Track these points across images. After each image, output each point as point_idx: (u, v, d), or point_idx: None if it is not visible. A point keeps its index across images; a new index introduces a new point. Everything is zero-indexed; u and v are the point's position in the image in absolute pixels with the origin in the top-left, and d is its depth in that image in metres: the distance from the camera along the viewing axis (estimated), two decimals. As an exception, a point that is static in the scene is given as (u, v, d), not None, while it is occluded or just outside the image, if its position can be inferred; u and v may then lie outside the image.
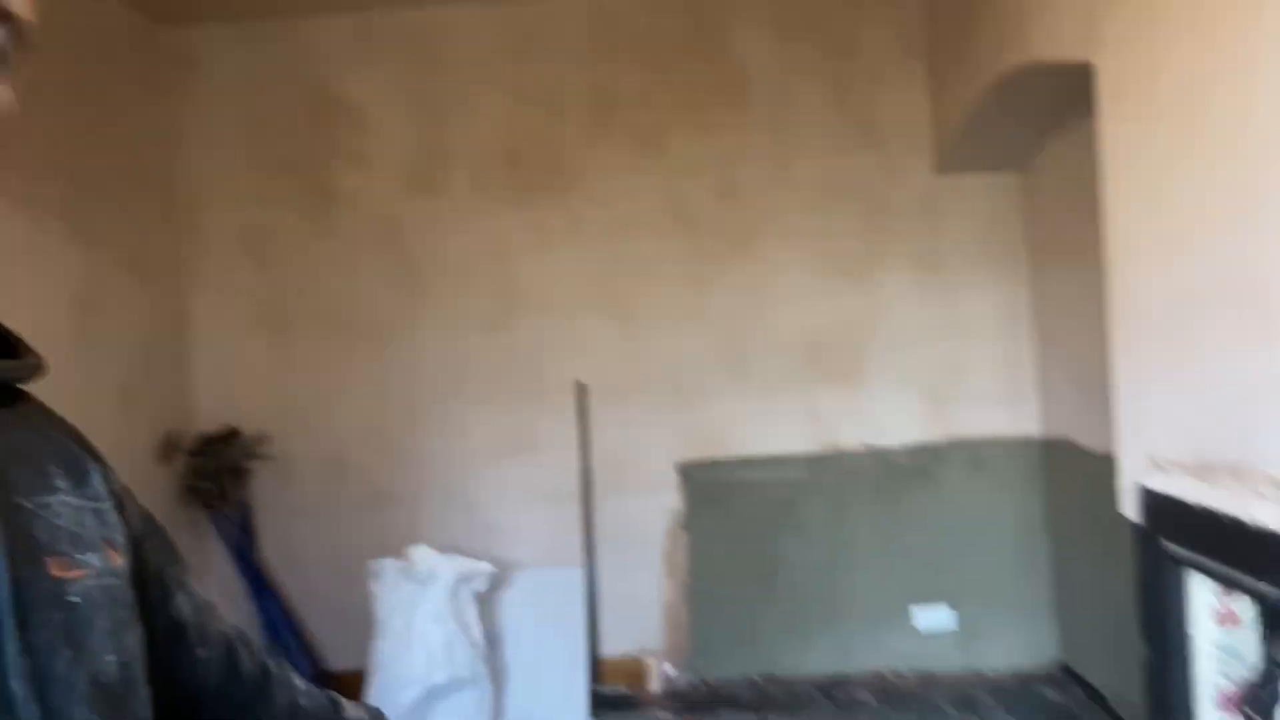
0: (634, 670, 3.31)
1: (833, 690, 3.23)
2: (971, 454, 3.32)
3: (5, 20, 0.45)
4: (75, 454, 0.59)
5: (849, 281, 3.33)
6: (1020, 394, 3.31)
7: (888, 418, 3.34)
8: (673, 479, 3.35)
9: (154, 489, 3.06)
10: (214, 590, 3.31)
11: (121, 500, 0.61)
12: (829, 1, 3.33)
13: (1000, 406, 3.32)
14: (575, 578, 3.26)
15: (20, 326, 2.30)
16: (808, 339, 3.34)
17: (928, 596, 3.29)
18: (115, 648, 0.53)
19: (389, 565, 2.93)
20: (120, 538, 0.58)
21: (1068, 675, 3.20)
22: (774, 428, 3.35)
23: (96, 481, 0.59)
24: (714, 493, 3.37)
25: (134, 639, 0.56)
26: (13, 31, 0.46)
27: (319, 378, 3.38)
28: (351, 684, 2.83)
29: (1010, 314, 3.32)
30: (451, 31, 3.36)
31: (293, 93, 3.37)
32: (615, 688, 3.25)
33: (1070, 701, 3.07)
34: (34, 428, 0.58)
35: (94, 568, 0.54)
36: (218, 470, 3.13)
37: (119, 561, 0.56)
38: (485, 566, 2.98)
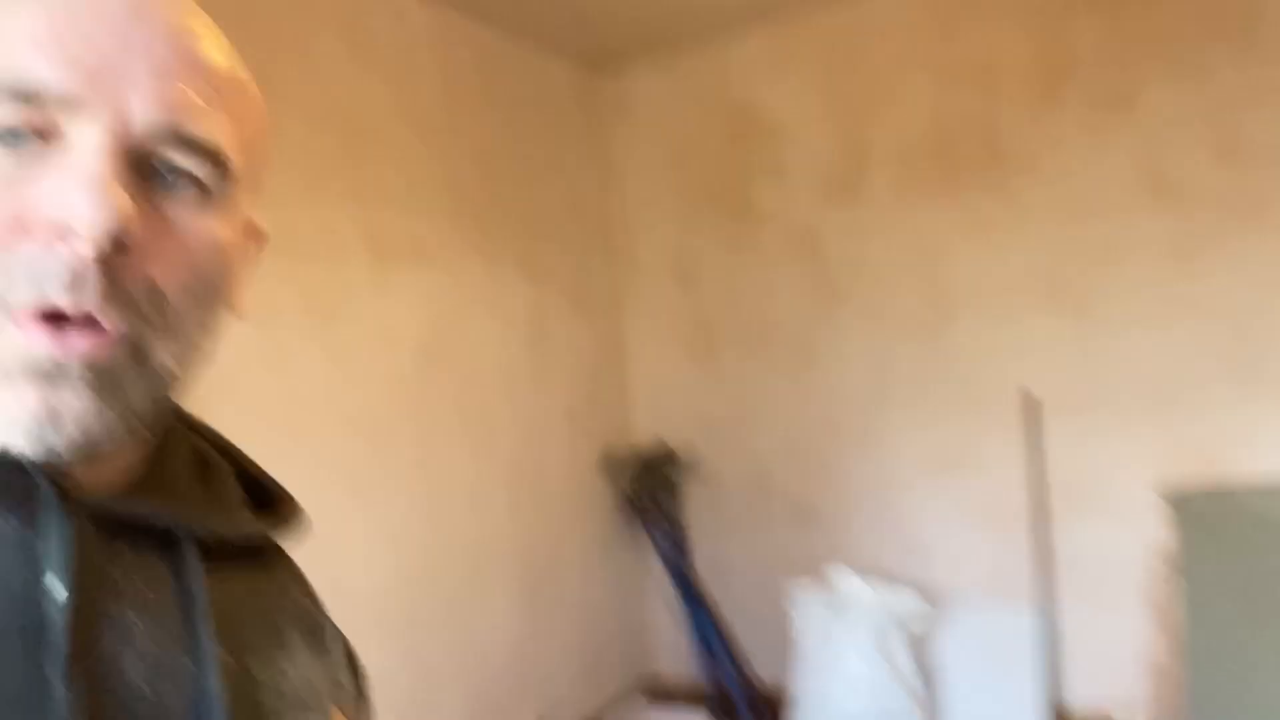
0: (1107, 732, 2.75)
1: None
2: None
3: (217, 162, 0.45)
4: (316, 618, 0.57)
5: None
6: None
7: None
8: (1153, 507, 2.72)
9: (597, 504, 3.30)
10: (652, 599, 3.48)
11: (353, 663, 0.60)
12: None
13: None
14: (1026, 615, 2.81)
15: (484, 361, 2.56)
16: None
17: None
18: None
19: (808, 590, 2.80)
20: (349, 701, 0.57)
21: None
22: (1304, 447, 2.55)
23: (333, 645, 0.57)
24: (1219, 528, 2.66)
25: None
26: (221, 170, 0.46)
27: (743, 395, 3.38)
28: (776, 699, 2.74)
29: None
30: (868, 22, 3.14)
31: (713, 116, 3.43)
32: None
33: None
34: (280, 587, 0.56)
35: None
36: (653, 486, 3.28)
37: None
38: (918, 603, 2.69)
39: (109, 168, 0.41)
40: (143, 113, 0.43)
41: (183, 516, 0.47)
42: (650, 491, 3.29)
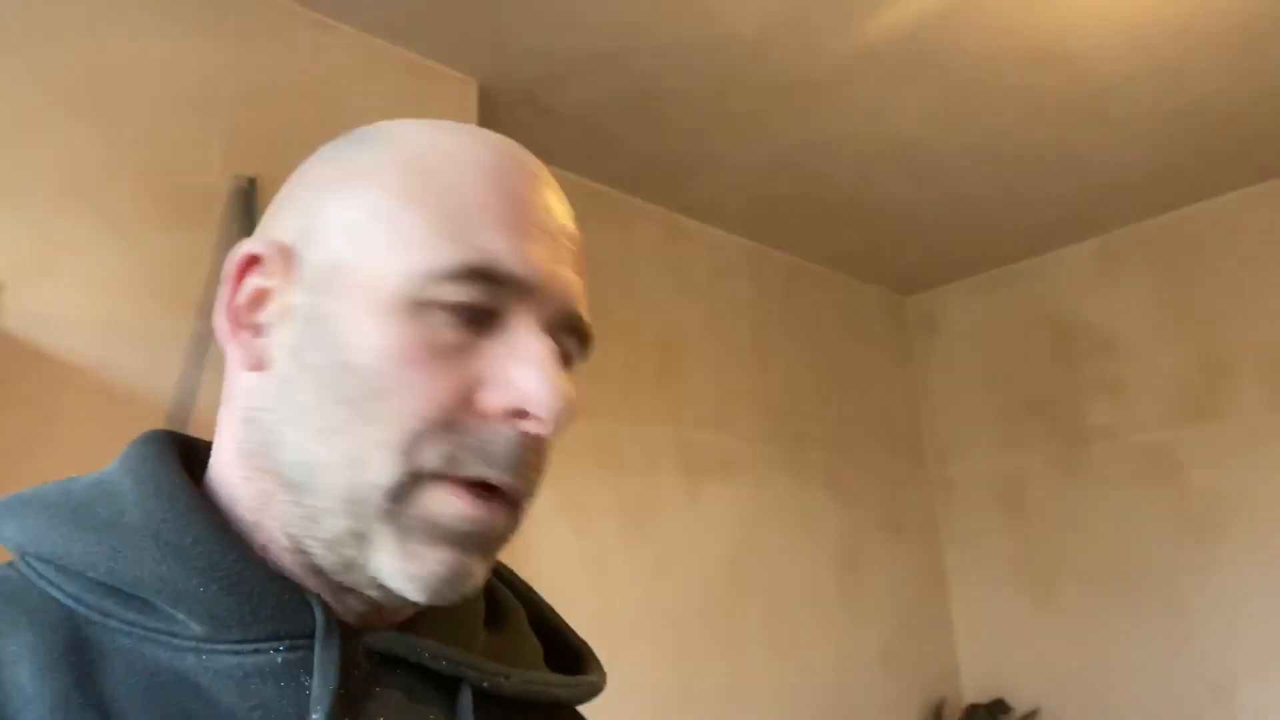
0: None
1: None
2: None
3: (586, 340, 0.49)
4: None
5: None
6: None
7: None
8: None
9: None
10: None
11: None
12: None
13: None
14: None
15: (793, 584, 2.42)
16: None
17: None
18: None
19: None
20: None
21: None
22: None
23: None
24: None
25: None
26: (587, 345, 0.50)
27: (1091, 642, 2.88)
28: None
29: None
30: (1210, 227, 2.86)
31: (1033, 330, 3.22)
32: None
33: None
34: None
35: None
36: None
37: None
38: None
39: (553, 354, 0.44)
40: (560, 302, 0.46)
41: (462, 662, 0.46)
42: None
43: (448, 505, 0.42)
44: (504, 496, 0.44)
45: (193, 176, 1.60)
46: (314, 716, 0.40)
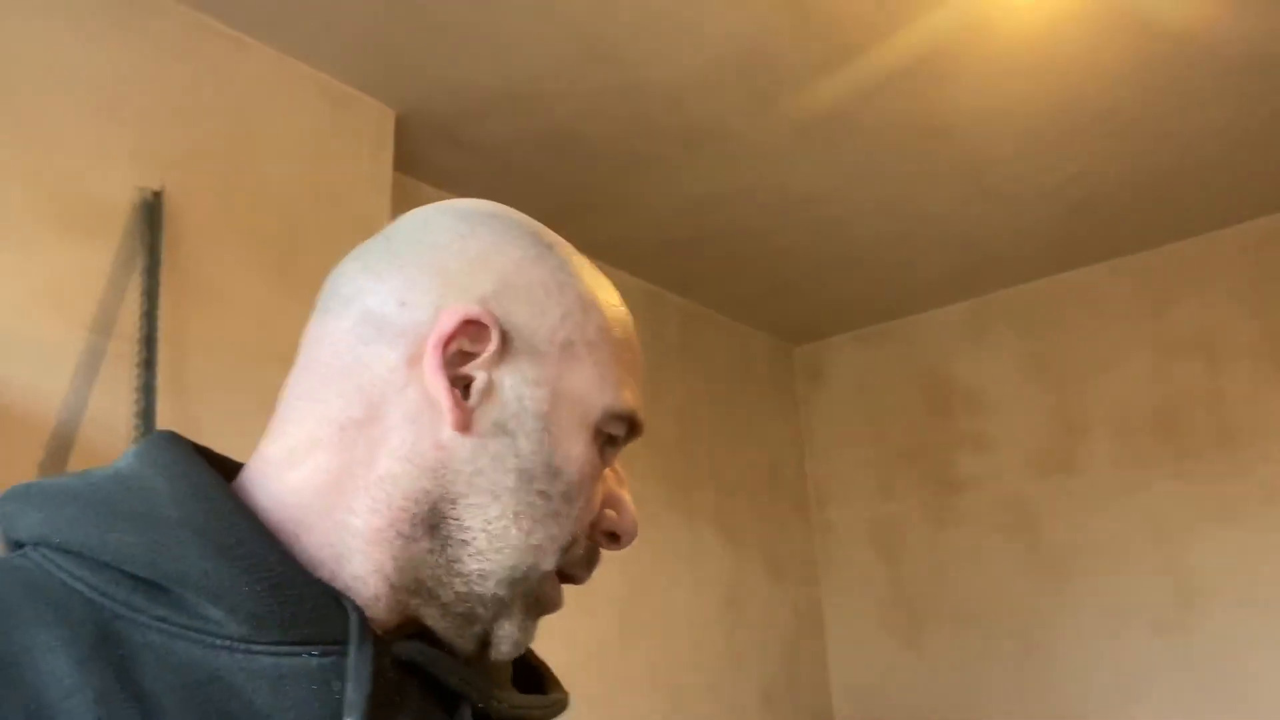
0: None
1: None
2: None
3: (636, 432, 0.55)
4: None
5: None
6: None
7: None
8: None
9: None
10: None
11: None
12: None
13: None
14: None
15: (683, 629, 2.44)
16: None
17: None
18: None
19: None
20: None
21: None
22: None
23: None
24: None
25: None
26: (633, 432, 0.56)
27: (954, 682, 3.04)
28: None
29: None
30: (1075, 296, 3.11)
31: (909, 383, 3.40)
32: None
33: None
34: None
35: None
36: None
37: None
38: None
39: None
40: None
41: (469, 681, 0.48)
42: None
43: (557, 594, 0.52)
44: None
45: (95, 186, 1.54)
46: (348, 718, 0.41)
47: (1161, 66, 2.08)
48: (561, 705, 0.56)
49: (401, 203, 2.10)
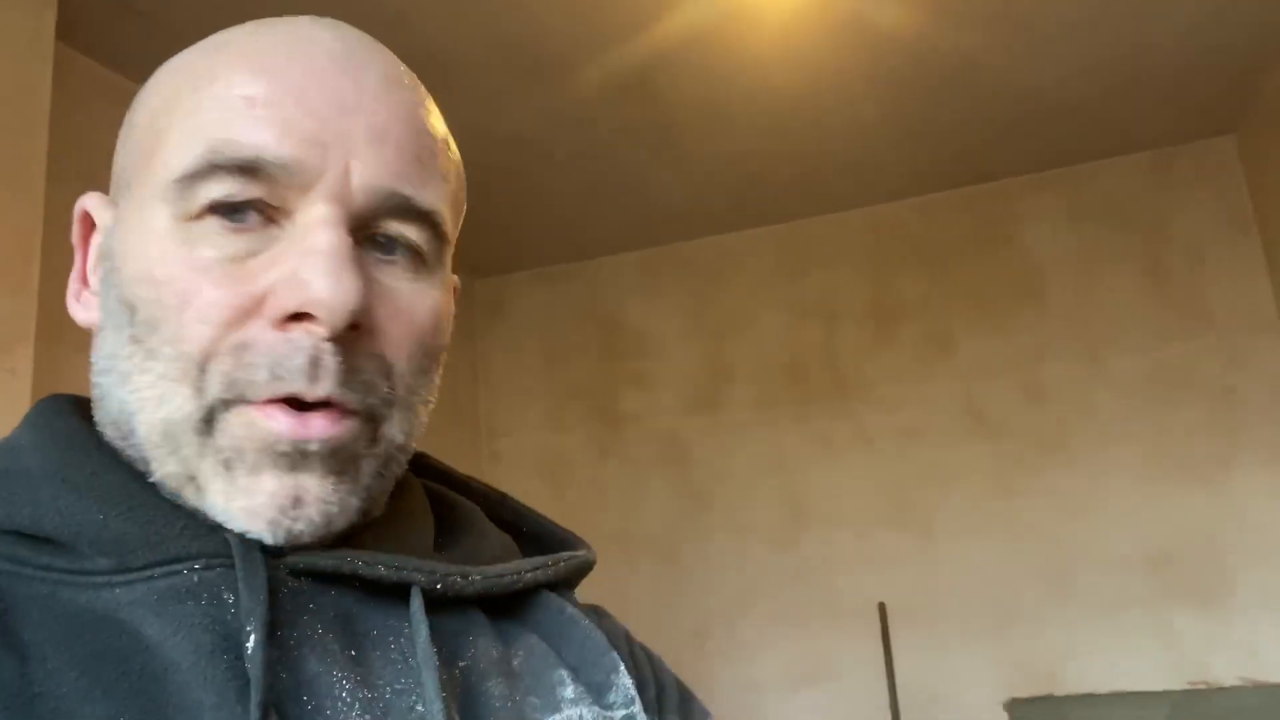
0: None
1: None
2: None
3: (436, 229, 0.44)
4: (597, 653, 0.48)
5: (1194, 484, 2.87)
6: None
7: (1271, 645, 2.72)
8: (998, 717, 2.89)
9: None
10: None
11: (661, 700, 0.52)
12: (1129, 184, 3.11)
13: None
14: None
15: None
16: (1150, 552, 2.87)
17: None
18: None
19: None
20: None
21: None
22: (1119, 659, 2.83)
23: (621, 685, 0.46)
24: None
25: None
26: (440, 237, 0.45)
27: (607, 602, 3.33)
28: None
29: None
30: (731, 256, 3.48)
31: (583, 323, 3.60)
32: None
33: None
34: (558, 624, 0.49)
35: None
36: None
37: None
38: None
39: (340, 245, 0.39)
40: (365, 181, 0.40)
41: (405, 566, 0.42)
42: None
43: (254, 429, 0.39)
44: (336, 408, 0.40)
45: None
46: (248, 628, 0.36)
47: (855, 64, 2.40)
48: (578, 562, 0.52)
49: (68, 78, 1.82)
